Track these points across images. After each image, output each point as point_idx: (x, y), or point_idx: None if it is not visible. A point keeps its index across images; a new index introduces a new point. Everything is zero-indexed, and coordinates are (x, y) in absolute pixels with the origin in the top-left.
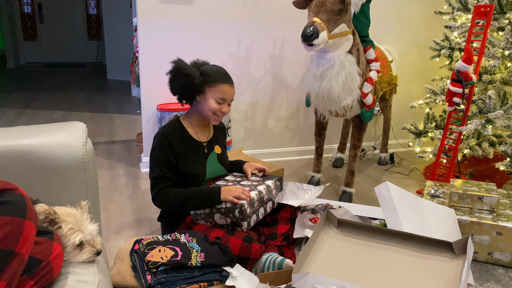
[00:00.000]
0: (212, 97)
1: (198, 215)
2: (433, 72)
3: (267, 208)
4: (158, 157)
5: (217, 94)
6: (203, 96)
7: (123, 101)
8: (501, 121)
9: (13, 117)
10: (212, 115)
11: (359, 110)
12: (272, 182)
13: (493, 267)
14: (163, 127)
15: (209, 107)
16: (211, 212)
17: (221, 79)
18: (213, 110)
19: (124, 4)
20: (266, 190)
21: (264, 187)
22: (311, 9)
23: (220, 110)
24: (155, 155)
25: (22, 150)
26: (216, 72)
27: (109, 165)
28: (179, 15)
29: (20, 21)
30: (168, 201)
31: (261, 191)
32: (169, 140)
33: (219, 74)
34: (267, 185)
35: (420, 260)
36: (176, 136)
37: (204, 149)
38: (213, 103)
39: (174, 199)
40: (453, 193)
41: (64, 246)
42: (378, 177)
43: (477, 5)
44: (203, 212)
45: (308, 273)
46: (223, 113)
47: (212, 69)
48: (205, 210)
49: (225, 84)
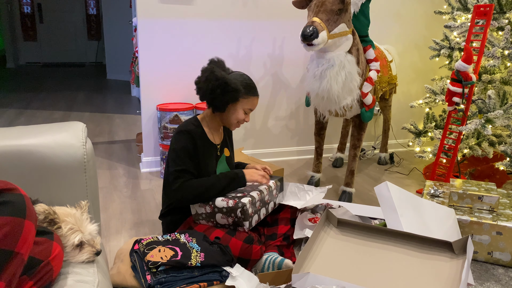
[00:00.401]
0: (242, 108)
1: (200, 215)
2: (433, 71)
3: (269, 209)
4: (184, 152)
5: (247, 105)
6: (233, 106)
7: (123, 101)
8: (500, 120)
9: (12, 117)
10: (236, 123)
11: (358, 110)
12: (273, 183)
13: (493, 266)
14: (185, 124)
15: (237, 116)
16: (213, 212)
17: (254, 91)
18: (239, 120)
19: (123, 4)
20: (267, 190)
21: (265, 187)
22: (311, 9)
23: (244, 119)
24: (180, 149)
25: (21, 150)
26: (249, 83)
27: (109, 165)
28: (179, 15)
29: (19, 21)
30: (193, 191)
31: (262, 191)
32: (194, 138)
33: (253, 86)
34: (268, 185)
35: (420, 259)
36: (197, 134)
37: (217, 151)
38: (242, 114)
39: (198, 187)
40: (453, 193)
41: (64, 246)
42: (378, 177)
43: (477, 5)
44: (205, 212)
45: (308, 273)
46: (245, 122)
47: (246, 79)
48: (206, 210)
49: (255, 96)
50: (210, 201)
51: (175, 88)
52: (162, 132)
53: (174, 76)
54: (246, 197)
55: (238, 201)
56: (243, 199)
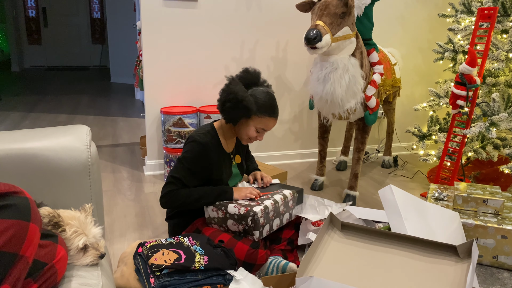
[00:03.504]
0: (254, 126)
1: (212, 219)
2: (437, 74)
3: (283, 220)
4: (189, 163)
5: (261, 125)
6: (246, 121)
7: (127, 104)
8: (505, 123)
9: (17, 120)
10: (247, 139)
11: (362, 113)
12: (290, 193)
13: (498, 270)
14: (202, 134)
15: (248, 133)
16: (225, 218)
17: (270, 112)
18: (250, 136)
19: (128, 8)
20: (282, 200)
21: (280, 197)
22: (314, 12)
23: (256, 138)
24: (186, 160)
25: (26, 153)
26: (267, 103)
27: (113, 168)
28: (183, 18)
29: (24, 25)
30: (180, 200)
31: (277, 201)
32: (208, 150)
33: (270, 106)
34: (284, 195)
35: (425, 263)
36: (213, 145)
37: (232, 160)
38: (253, 132)
39: (187, 197)
40: (457, 196)
41: (68, 249)
42: (381, 180)
43: (481, 8)
44: (217, 217)
45: (312, 277)
46: (257, 140)
47: (265, 98)
48: (219, 215)
49: (271, 118)
50: (223, 206)
51: (179, 91)
52: (166, 135)
53: (178, 79)
54: (259, 206)
55: (250, 209)
56: (255, 208)
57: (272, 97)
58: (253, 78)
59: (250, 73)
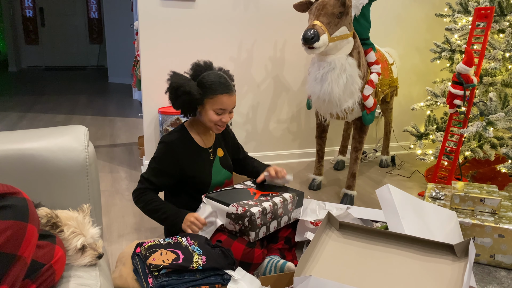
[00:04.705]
0: (211, 109)
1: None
2: (434, 74)
3: (281, 222)
4: (157, 162)
5: (215, 105)
6: (202, 108)
7: (125, 105)
8: (502, 123)
9: (14, 120)
10: (214, 125)
11: (360, 113)
12: (290, 196)
13: (495, 269)
14: (169, 134)
15: (209, 118)
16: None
17: (219, 89)
18: (214, 121)
19: (125, 8)
20: (281, 202)
21: (280, 199)
22: (312, 12)
23: (221, 120)
24: (154, 160)
25: (24, 154)
26: (214, 82)
27: (111, 169)
28: (180, 18)
29: (21, 25)
30: (141, 203)
31: (276, 203)
32: (174, 149)
33: (217, 84)
34: (283, 198)
35: (422, 262)
36: (181, 143)
37: (210, 155)
38: (213, 115)
39: (146, 204)
40: (455, 195)
41: (66, 249)
42: (379, 179)
43: (478, 8)
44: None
45: (309, 276)
46: (223, 122)
47: (210, 79)
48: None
49: (223, 94)
50: None
51: None
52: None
53: None
54: (257, 207)
55: (247, 209)
56: (253, 208)
57: (220, 75)
58: (205, 67)
59: (200, 65)
